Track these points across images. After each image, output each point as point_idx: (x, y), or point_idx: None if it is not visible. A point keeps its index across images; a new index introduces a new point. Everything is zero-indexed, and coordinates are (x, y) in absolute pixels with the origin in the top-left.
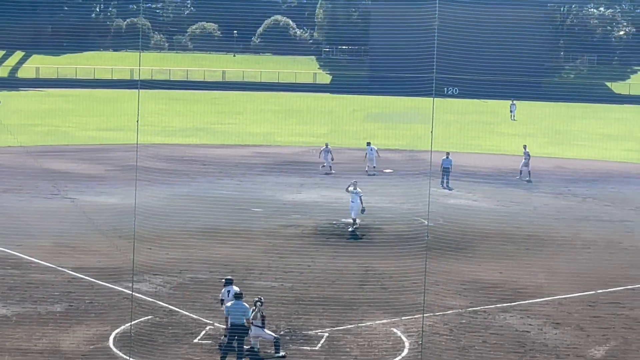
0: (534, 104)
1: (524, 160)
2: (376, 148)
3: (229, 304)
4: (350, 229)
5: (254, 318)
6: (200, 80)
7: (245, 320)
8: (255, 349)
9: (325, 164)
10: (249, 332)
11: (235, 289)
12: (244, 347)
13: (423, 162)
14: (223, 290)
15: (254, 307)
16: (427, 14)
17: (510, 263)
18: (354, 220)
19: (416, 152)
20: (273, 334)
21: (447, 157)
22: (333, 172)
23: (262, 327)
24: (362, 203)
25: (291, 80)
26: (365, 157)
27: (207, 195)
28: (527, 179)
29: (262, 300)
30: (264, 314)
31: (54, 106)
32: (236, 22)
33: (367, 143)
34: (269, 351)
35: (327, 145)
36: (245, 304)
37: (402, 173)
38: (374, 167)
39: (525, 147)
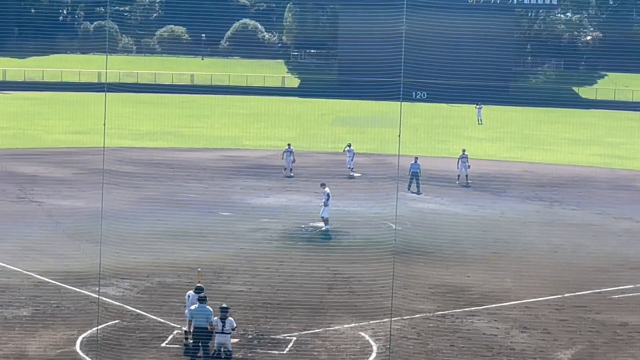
0: (501, 108)
1: (462, 163)
2: (354, 150)
3: (192, 307)
4: (323, 228)
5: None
6: (168, 84)
7: (209, 325)
8: (219, 353)
9: (286, 167)
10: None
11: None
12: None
13: (391, 166)
14: (188, 293)
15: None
16: (395, 18)
17: (477, 267)
18: (324, 219)
19: (384, 156)
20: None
21: (415, 162)
22: (292, 175)
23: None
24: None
25: (259, 84)
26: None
27: (175, 198)
28: (465, 183)
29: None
30: (233, 323)
31: (20, 109)
32: (204, 25)
33: (348, 144)
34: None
35: (289, 145)
36: (209, 307)
37: (370, 177)
38: (351, 168)
39: (463, 150)
